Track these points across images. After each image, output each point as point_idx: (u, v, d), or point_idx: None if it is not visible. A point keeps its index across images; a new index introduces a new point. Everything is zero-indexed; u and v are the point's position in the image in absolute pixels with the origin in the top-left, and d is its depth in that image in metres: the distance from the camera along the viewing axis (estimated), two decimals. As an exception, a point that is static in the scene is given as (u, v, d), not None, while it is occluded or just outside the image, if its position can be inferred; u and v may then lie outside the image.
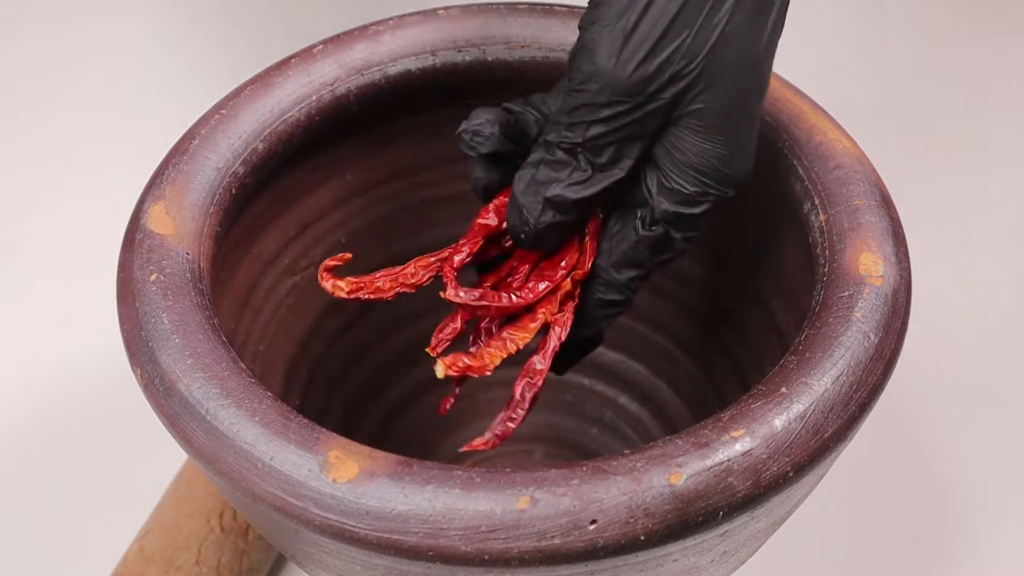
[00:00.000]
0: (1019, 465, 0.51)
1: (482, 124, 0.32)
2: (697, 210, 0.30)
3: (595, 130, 0.29)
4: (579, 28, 0.29)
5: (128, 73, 0.70)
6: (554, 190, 0.30)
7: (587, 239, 0.32)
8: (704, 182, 0.30)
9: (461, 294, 0.30)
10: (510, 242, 0.33)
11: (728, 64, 0.28)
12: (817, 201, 0.33)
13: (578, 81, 0.29)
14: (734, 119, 0.29)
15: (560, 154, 0.30)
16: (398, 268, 0.32)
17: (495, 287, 0.32)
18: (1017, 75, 0.71)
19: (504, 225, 0.32)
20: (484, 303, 0.31)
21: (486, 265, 0.33)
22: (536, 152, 0.31)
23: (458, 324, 0.32)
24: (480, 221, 0.32)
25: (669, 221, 0.30)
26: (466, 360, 0.30)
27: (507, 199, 0.32)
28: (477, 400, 0.50)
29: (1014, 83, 0.71)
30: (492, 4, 0.39)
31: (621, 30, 0.28)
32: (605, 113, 0.29)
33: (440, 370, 0.29)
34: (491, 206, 0.32)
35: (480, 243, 0.32)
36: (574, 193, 0.30)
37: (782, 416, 0.26)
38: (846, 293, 0.29)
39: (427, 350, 0.32)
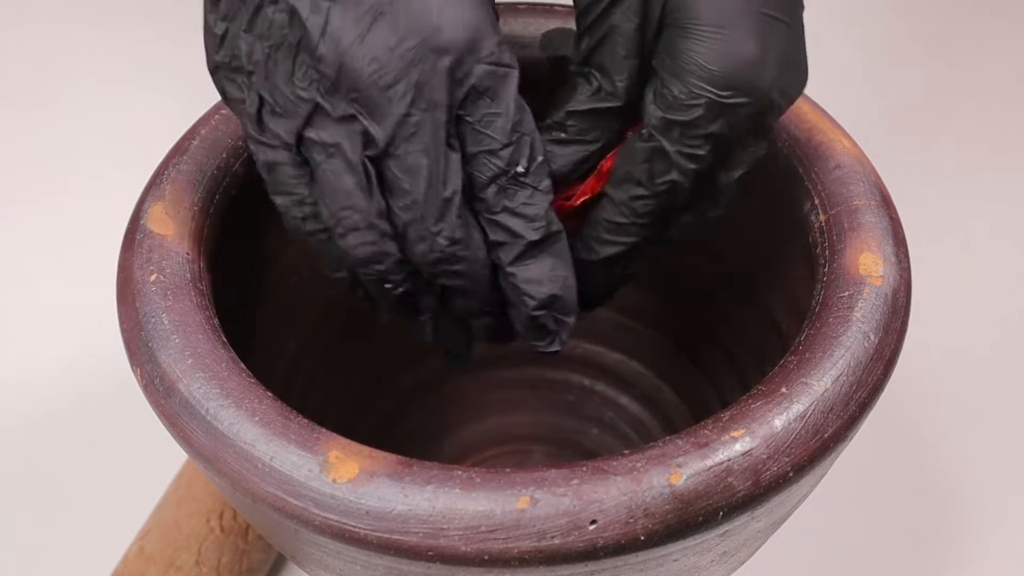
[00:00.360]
0: (1019, 465, 0.51)
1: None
2: (686, 116, 0.28)
3: (586, 42, 0.28)
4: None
5: (128, 73, 0.70)
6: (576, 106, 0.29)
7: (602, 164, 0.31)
8: (691, 83, 0.27)
9: None
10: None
11: None
12: (817, 201, 0.33)
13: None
14: (717, 3, 0.27)
15: (577, 80, 0.30)
16: None
17: None
18: (1018, 75, 0.71)
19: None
20: None
21: None
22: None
23: None
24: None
25: (659, 129, 0.28)
26: None
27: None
28: (477, 400, 0.50)
29: (1015, 83, 0.71)
30: (492, 4, 0.39)
31: None
32: (587, 19, 0.28)
33: None
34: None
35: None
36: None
37: (782, 416, 0.26)
38: (846, 293, 0.29)
39: None
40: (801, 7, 0.29)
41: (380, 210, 0.28)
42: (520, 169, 0.28)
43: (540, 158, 0.28)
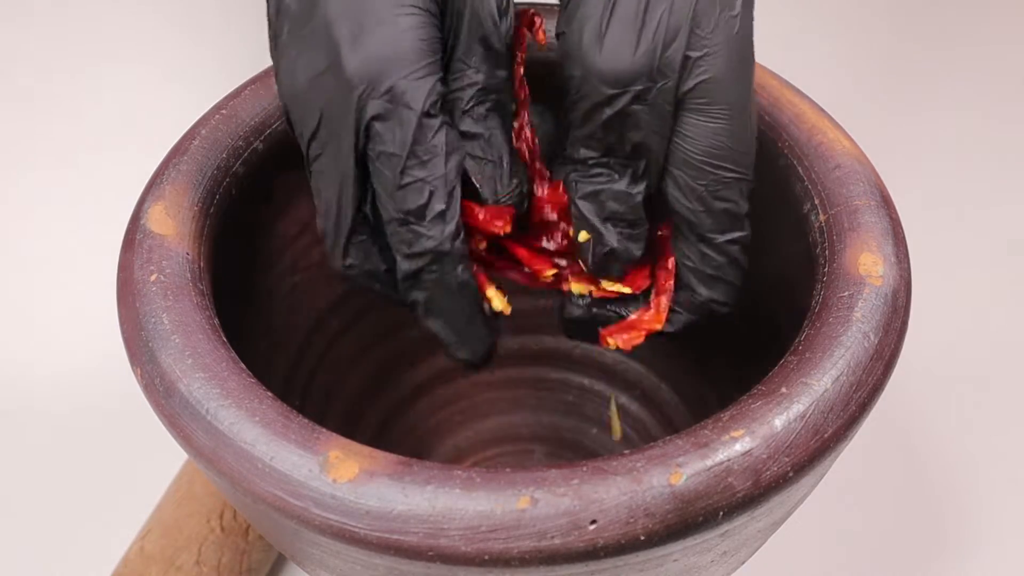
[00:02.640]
0: (1019, 465, 0.51)
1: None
2: (719, 206, 0.29)
3: (611, 127, 0.28)
4: (556, 37, 0.29)
5: (128, 73, 0.70)
6: (611, 208, 0.30)
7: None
8: (719, 166, 0.29)
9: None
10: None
11: (716, 27, 0.27)
12: (817, 201, 0.33)
13: (574, 89, 0.28)
14: (736, 90, 0.28)
15: (596, 170, 0.29)
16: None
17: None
18: (1018, 74, 0.71)
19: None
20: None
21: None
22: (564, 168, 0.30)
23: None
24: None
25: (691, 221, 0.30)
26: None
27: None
28: (477, 400, 0.50)
29: (1015, 82, 0.71)
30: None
31: (598, 24, 0.27)
32: (614, 108, 0.28)
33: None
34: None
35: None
36: (629, 200, 0.30)
37: (782, 416, 0.26)
38: (846, 293, 0.29)
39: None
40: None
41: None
42: (411, 218, 0.28)
43: (440, 207, 0.28)
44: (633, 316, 0.32)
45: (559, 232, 0.32)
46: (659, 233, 0.32)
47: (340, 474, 0.25)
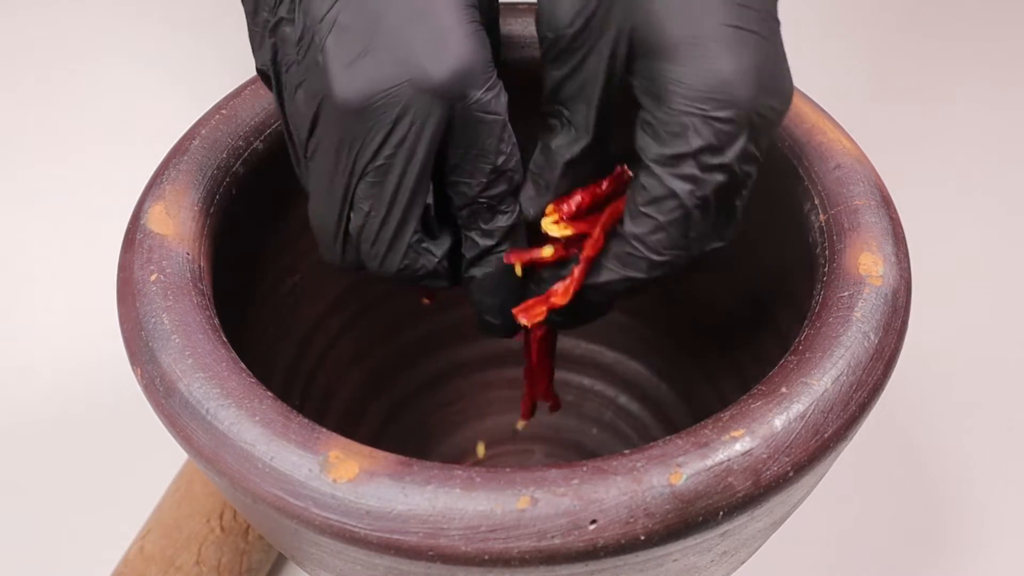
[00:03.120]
0: (1019, 465, 0.51)
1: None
2: (677, 144, 0.27)
3: (554, 76, 0.30)
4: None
5: (128, 73, 0.70)
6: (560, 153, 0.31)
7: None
8: (673, 103, 0.27)
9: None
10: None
11: None
12: (817, 201, 0.33)
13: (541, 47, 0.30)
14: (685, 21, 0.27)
15: (550, 120, 0.31)
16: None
17: None
18: (1018, 74, 0.71)
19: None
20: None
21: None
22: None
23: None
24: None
25: (656, 161, 0.28)
26: None
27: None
28: (477, 400, 0.50)
29: (1015, 82, 0.71)
30: (492, 4, 0.39)
31: None
32: (553, 53, 0.29)
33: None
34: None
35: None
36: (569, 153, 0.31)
37: (782, 416, 0.26)
38: (846, 293, 0.29)
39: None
40: (776, 23, 0.29)
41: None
42: (494, 202, 0.31)
43: (514, 189, 0.31)
44: (550, 289, 0.32)
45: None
46: (613, 177, 0.32)
47: (340, 474, 0.25)
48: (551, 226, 0.31)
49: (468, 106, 0.28)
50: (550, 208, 0.31)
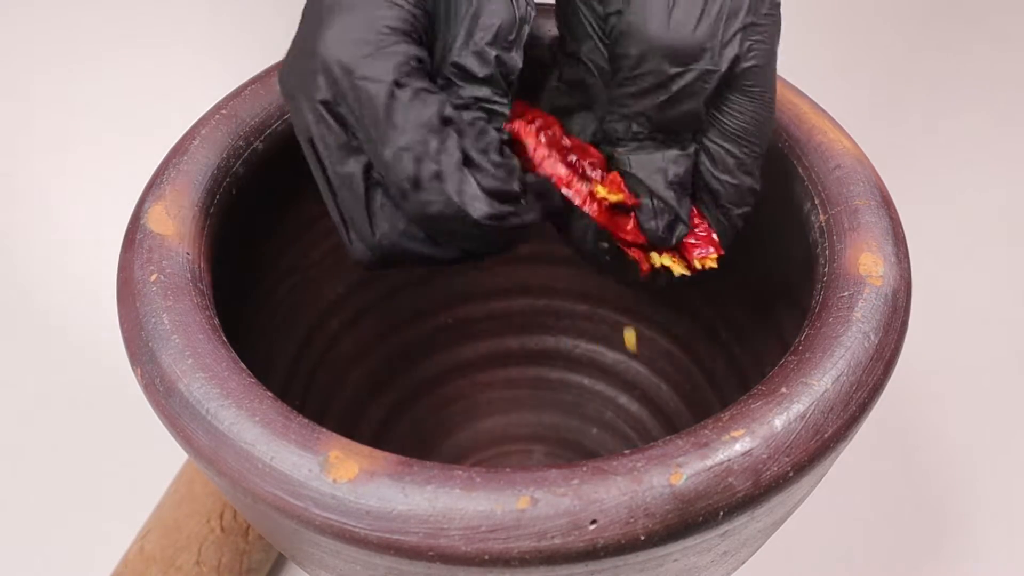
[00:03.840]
0: (1019, 465, 0.51)
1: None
2: (745, 181, 0.31)
3: (670, 105, 0.29)
4: (601, 20, 0.30)
5: (127, 73, 0.70)
6: (673, 172, 0.30)
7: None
8: (751, 143, 0.30)
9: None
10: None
11: (767, 15, 0.29)
12: (817, 201, 0.33)
13: (630, 67, 0.29)
14: (773, 74, 0.30)
15: (647, 143, 0.30)
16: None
17: None
18: (1018, 74, 0.71)
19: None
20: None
21: None
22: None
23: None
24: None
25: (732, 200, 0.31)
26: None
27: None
28: (477, 400, 0.50)
29: (1015, 82, 0.71)
30: (492, 4, 0.39)
31: (665, 2, 0.28)
32: (676, 85, 0.29)
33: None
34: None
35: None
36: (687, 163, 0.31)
37: (782, 416, 0.26)
38: (846, 293, 0.29)
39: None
40: None
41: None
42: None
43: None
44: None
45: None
46: None
47: (340, 474, 0.25)
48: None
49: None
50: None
